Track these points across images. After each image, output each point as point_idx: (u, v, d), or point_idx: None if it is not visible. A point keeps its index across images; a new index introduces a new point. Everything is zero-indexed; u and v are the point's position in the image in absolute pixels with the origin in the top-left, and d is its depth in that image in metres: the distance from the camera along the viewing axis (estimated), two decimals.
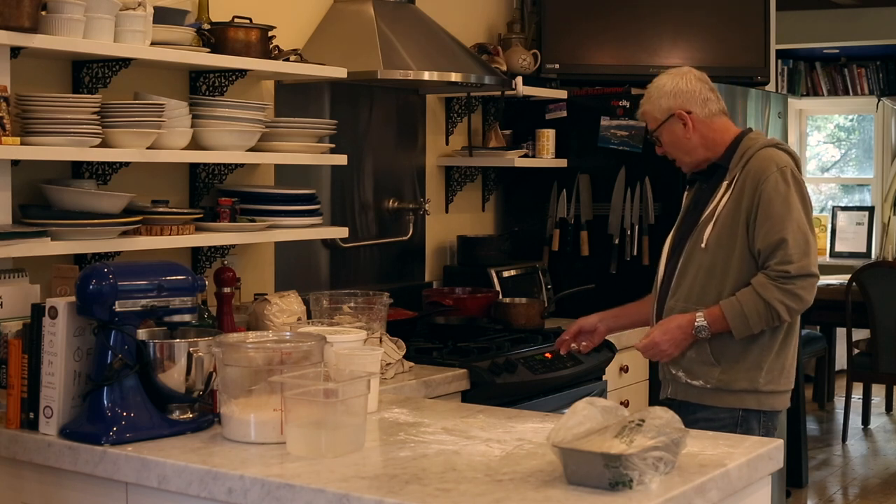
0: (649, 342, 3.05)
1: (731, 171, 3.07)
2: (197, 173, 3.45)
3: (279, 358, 2.40)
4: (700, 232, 3.07)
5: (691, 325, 3.00)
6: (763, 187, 2.99)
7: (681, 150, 3.15)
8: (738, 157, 3.08)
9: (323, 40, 3.88)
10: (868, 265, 6.83)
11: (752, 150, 3.07)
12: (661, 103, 3.14)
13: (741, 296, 2.97)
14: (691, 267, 3.07)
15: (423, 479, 2.10)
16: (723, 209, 3.04)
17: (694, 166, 3.17)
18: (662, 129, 3.14)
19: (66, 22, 2.81)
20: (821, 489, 6.02)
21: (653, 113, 3.16)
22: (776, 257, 2.95)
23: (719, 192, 3.07)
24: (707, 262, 3.04)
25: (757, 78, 4.86)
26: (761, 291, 2.95)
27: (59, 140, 2.82)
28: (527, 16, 4.90)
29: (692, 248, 3.08)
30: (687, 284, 3.07)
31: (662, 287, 3.17)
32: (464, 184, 4.60)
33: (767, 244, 2.96)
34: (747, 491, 2.31)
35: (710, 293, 3.03)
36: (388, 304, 3.40)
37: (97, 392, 2.43)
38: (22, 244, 2.75)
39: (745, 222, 3.00)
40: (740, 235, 3.01)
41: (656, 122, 3.15)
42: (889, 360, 6.54)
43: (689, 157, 3.16)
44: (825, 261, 9.15)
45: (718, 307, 2.99)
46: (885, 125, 9.33)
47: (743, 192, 3.02)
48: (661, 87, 3.14)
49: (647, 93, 3.18)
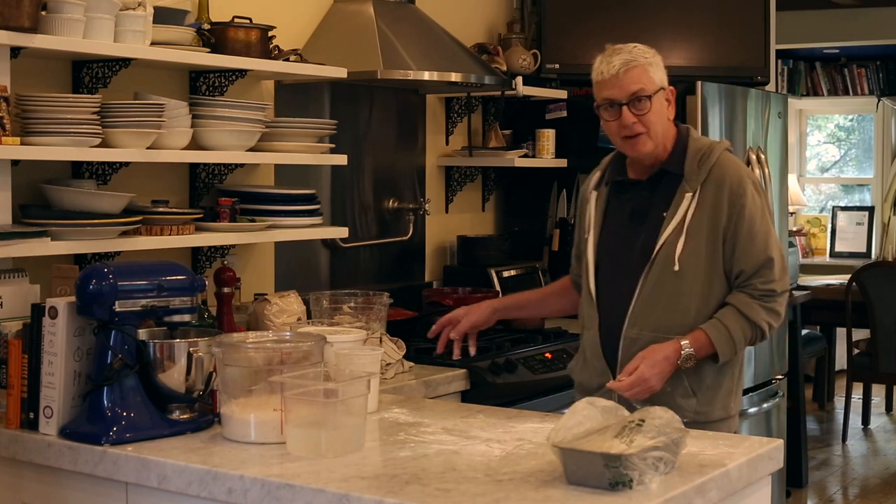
0: (637, 378, 2.67)
1: (691, 180, 2.76)
2: (197, 173, 3.45)
3: (279, 358, 2.40)
4: (668, 251, 2.74)
5: (678, 355, 2.70)
6: (743, 203, 2.74)
7: (660, 126, 2.77)
8: (694, 162, 2.78)
9: (323, 40, 3.88)
10: (868, 265, 6.83)
11: (711, 156, 2.79)
12: (658, 70, 2.78)
13: (724, 318, 2.73)
14: (663, 292, 2.75)
15: (423, 479, 2.10)
16: (691, 224, 2.74)
17: (647, 156, 2.79)
18: (655, 98, 2.75)
19: (66, 22, 2.81)
20: (821, 489, 6.02)
21: (652, 75, 2.76)
22: (761, 276, 2.74)
23: (683, 202, 2.75)
24: (680, 285, 2.74)
25: (757, 78, 4.85)
26: (747, 312, 2.73)
27: (59, 140, 2.82)
28: (527, 16, 4.90)
29: (661, 271, 2.75)
30: (658, 312, 2.75)
31: (611, 311, 2.82)
32: (464, 184, 4.60)
33: (754, 264, 2.74)
34: (747, 491, 2.31)
35: (677, 319, 2.75)
36: (388, 304, 3.41)
37: (97, 392, 2.43)
38: (22, 244, 2.75)
39: (723, 239, 2.75)
40: (718, 254, 2.76)
41: (654, 85, 2.75)
42: (889, 360, 6.55)
43: (655, 142, 2.77)
44: (825, 261, 9.16)
45: (702, 332, 2.72)
46: (885, 125, 9.33)
47: (717, 206, 2.74)
48: (653, 54, 2.78)
49: (641, 53, 2.76)
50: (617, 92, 2.73)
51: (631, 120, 2.73)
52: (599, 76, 2.77)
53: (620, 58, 2.74)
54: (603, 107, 2.78)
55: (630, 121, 2.73)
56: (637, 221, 2.82)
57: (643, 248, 2.79)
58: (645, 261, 2.77)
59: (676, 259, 2.73)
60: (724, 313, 2.75)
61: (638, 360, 2.70)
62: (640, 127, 2.74)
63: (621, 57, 2.74)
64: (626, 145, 2.79)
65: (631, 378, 2.67)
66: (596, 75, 2.78)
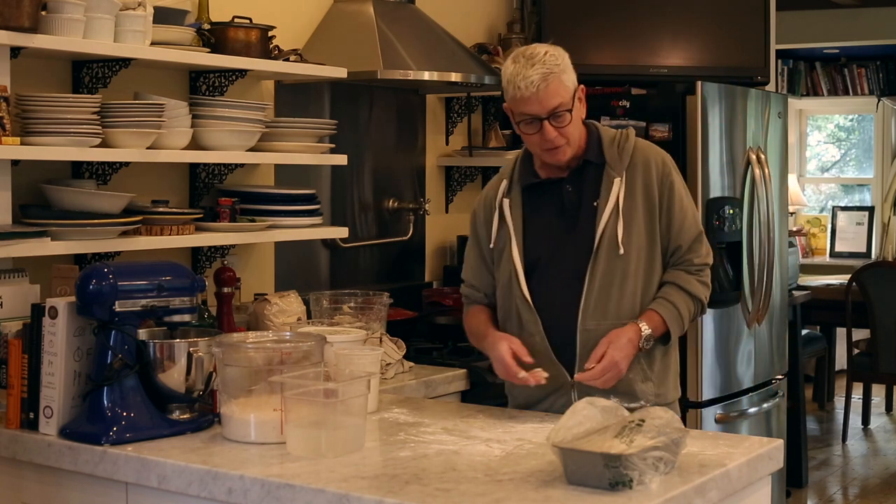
0: (608, 363, 2.62)
1: (615, 166, 2.76)
2: (197, 173, 3.45)
3: (279, 358, 2.40)
4: (610, 236, 2.72)
5: (639, 337, 2.69)
6: (672, 180, 2.78)
7: (577, 130, 2.75)
8: (613, 149, 2.77)
9: (323, 40, 3.88)
10: (868, 265, 6.83)
11: (627, 141, 2.79)
12: (571, 74, 2.71)
13: (669, 296, 2.75)
14: (614, 278, 2.73)
15: (423, 479, 2.11)
16: (625, 207, 2.73)
17: (573, 156, 2.76)
18: (574, 105, 2.71)
19: (66, 22, 2.81)
20: (821, 489, 6.02)
21: (568, 84, 2.69)
22: (695, 251, 2.78)
23: (613, 188, 2.73)
24: (625, 268, 2.73)
25: (757, 78, 4.85)
26: (689, 288, 2.76)
27: (59, 140, 2.82)
28: (527, 16, 4.90)
29: (607, 257, 2.72)
30: (612, 299, 2.72)
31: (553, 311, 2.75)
32: (464, 184, 4.60)
33: (688, 238, 2.78)
34: (747, 491, 2.31)
35: (629, 303, 2.74)
36: (388, 304, 3.41)
37: (97, 392, 2.43)
38: (22, 244, 2.75)
39: (657, 219, 2.77)
40: (656, 233, 2.77)
41: (570, 94, 2.70)
42: (889, 360, 6.54)
43: (574, 148, 2.75)
44: (825, 261, 9.16)
45: (654, 312, 2.72)
46: (885, 125, 9.34)
47: (648, 186, 2.76)
48: (563, 57, 2.70)
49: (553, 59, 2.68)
50: (537, 108, 2.67)
51: (553, 134, 2.69)
52: (517, 91, 2.67)
53: (537, 71, 2.64)
54: (523, 122, 2.71)
55: (552, 135, 2.69)
56: (570, 216, 2.78)
57: (582, 240, 2.75)
58: (588, 251, 2.74)
59: (620, 243, 2.71)
60: (669, 292, 2.76)
61: (603, 345, 2.66)
62: (561, 139, 2.70)
63: (537, 71, 2.64)
64: (546, 155, 2.75)
65: (602, 364, 2.63)
66: (513, 90, 2.68)
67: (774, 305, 4.76)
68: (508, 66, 2.71)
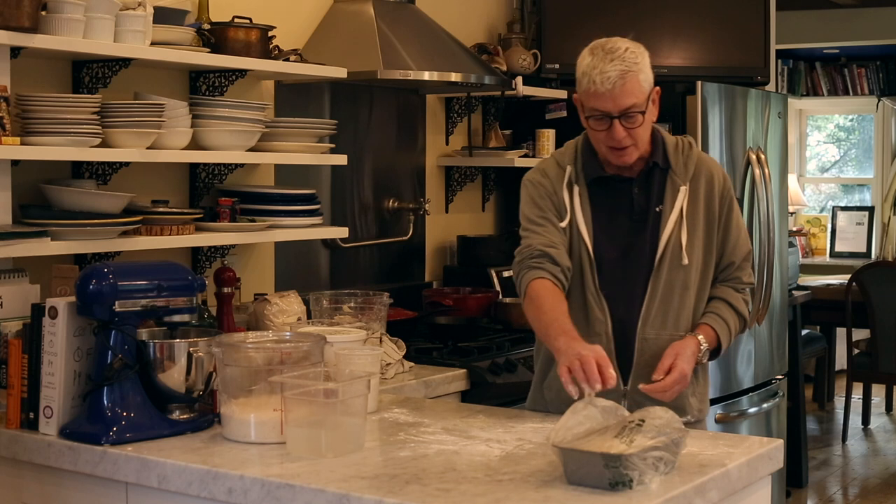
0: (679, 375, 2.55)
1: (679, 174, 2.70)
2: (197, 173, 3.45)
3: (279, 358, 2.40)
4: (675, 245, 2.67)
5: (699, 351, 2.64)
6: (732, 195, 2.76)
7: (647, 133, 2.67)
8: (678, 156, 2.72)
9: (323, 40, 3.88)
10: (868, 265, 6.83)
11: (692, 150, 2.74)
12: (648, 72, 2.62)
13: (720, 312, 2.72)
14: (675, 288, 2.68)
15: (423, 479, 2.10)
16: (688, 216, 2.68)
17: (634, 160, 2.68)
18: (648, 106, 2.63)
19: (66, 22, 2.81)
20: (821, 489, 6.02)
21: (645, 84, 2.61)
22: (744, 269, 2.76)
23: (678, 196, 2.68)
24: (685, 279, 2.68)
25: (757, 78, 4.85)
26: (737, 306, 2.73)
27: (59, 140, 2.82)
28: (527, 16, 4.90)
29: (670, 266, 2.67)
30: (672, 309, 2.68)
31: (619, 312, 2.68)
32: (464, 184, 4.60)
33: (741, 256, 2.75)
34: (747, 491, 2.31)
35: (686, 315, 2.70)
36: (388, 304, 3.41)
37: (97, 392, 2.43)
38: (22, 244, 2.75)
39: (715, 233, 2.73)
40: (713, 246, 2.73)
41: (645, 95, 2.61)
42: (889, 360, 6.54)
43: (640, 151, 2.67)
44: (825, 261, 9.16)
45: (708, 327, 2.68)
46: (885, 125, 9.33)
47: (709, 198, 2.71)
48: (643, 55, 2.62)
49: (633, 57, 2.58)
50: (610, 105, 2.58)
51: (622, 134, 2.60)
52: (591, 85, 2.58)
53: (615, 68, 2.55)
54: (593, 117, 2.62)
55: (621, 135, 2.60)
56: (638, 219, 2.71)
57: (649, 245, 2.69)
58: (652, 257, 2.68)
59: (684, 252, 2.66)
60: (720, 307, 2.73)
61: (670, 357, 2.58)
62: (629, 140, 2.62)
63: (616, 67, 2.55)
64: (611, 155, 2.66)
65: (673, 376, 2.55)
66: (587, 83, 2.59)
67: (774, 305, 4.76)
68: (585, 56, 2.61)
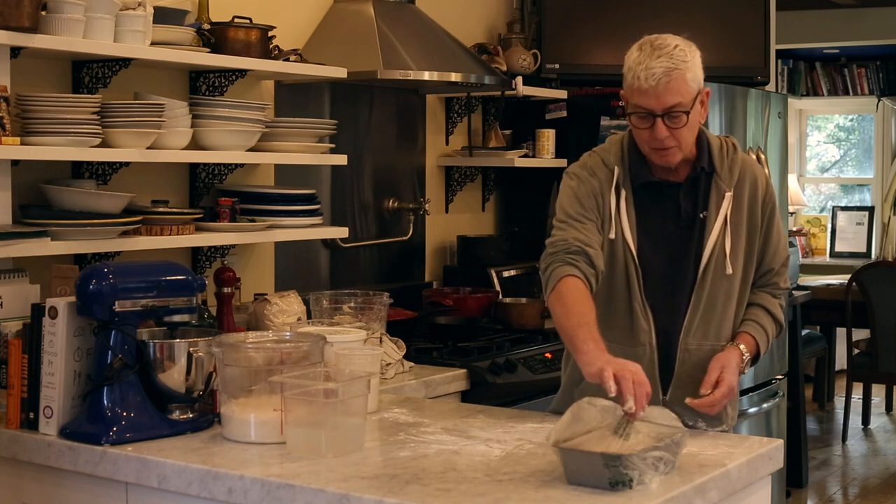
0: (728, 389, 2.49)
1: (725, 179, 2.62)
2: (197, 173, 3.45)
3: (279, 358, 2.40)
4: (719, 255, 2.60)
5: (742, 362, 2.58)
6: (774, 201, 2.68)
7: (692, 135, 2.57)
8: (722, 159, 2.64)
9: (323, 40, 3.88)
10: (868, 265, 6.84)
11: (736, 153, 2.67)
12: (698, 74, 2.53)
13: (759, 319, 2.66)
14: (718, 297, 2.61)
15: (423, 479, 2.10)
16: (732, 223, 2.61)
17: (679, 162, 2.61)
18: (694, 107, 2.52)
19: (66, 22, 2.81)
20: (821, 489, 6.02)
21: (693, 83, 2.51)
22: (782, 275, 2.70)
23: (723, 202, 2.61)
24: (730, 288, 2.62)
25: (757, 78, 4.85)
26: (774, 312, 2.68)
27: (59, 140, 2.82)
28: (527, 16, 4.90)
29: (715, 275, 2.60)
30: (715, 319, 2.61)
31: (662, 322, 2.62)
32: (464, 184, 4.60)
33: (780, 262, 2.70)
34: (747, 491, 2.31)
35: (728, 324, 2.64)
36: (388, 304, 3.40)
37: (97, 392, 2.43)
38: (22, 244, 2.75)
39: (756, 239, 2.66)
40: (754, 253, 2.66)
41: (692, 95, 2.51)
42: (889, 360, 6.55)
43: (685, 153, 2.59)
44: (825, 261, 9.16)
45: (749, 336, 2.62)
46: (885, 125, 9.34)
47: (753, 204, 2.64)
48: (693, 54, 2.53)
49: (682, 55, 2.50)
50: (653, 103, 2.49)
51: (664, 134, 2.51)
52: (636, 81, 2.49)
53: (661, 64, 2.46)
54: (636, 114, 2.54)
55: (663, 135, 2.51)
56: (685, 226, 2.62)
57: (695, 254, 2.61)
58: (696, 266, 2.61)
59: (728, 261, 2.59)
60: (758, 314, 2.67)
61: (716, 370, 2.52)
62: (672, 141, 2.52)
63: (662, 64, 2.46)
64: (654, 155, 2.58)
65: (722, 389, 2.48)
66: (632, 79, 2.51)
67: None
68: (633, 52, 2.54)
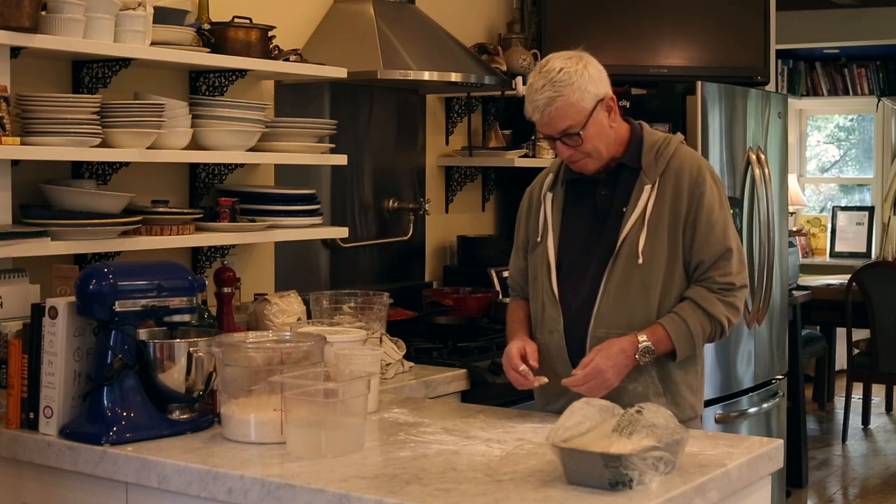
0: (591, 370, 2.57)
1: (649, 172, 2.70)
2: (197, 173, 3.45)
3: (279, 358, 2.40)
4: (631, 245, 2.67)
5: (634, 348, 2.61)
6: (703, 191, 2.68)
7: (602, 143, 2.67)
8: (651, 155, 2.71)
9: (323, 40, 3.88)
10: (868, 265, 6.84)
11: (667, 148, 2.73)
12: (588, 90, 2.62)
13: (683, 313, 2.66)
14: (629, 288, 2.67)
15: (423, 479, 2.11)
16: (652, 216, 2.67)
17: (601, 165, 2.71)
18: (590, 124, 2.63)
19: (66, 22, 2.81)
20: (821, 489, 6.02)
21: (581, 103, 2.62)
22: (720, 268, 2.68)
23: (642, 195, 2.68)
24: (644, 278, 2.66)
25: (757, 78, 4.85)
26: (706, 306, 2.66)
27: (59, 140, 2.82)
28: (527, 16, 4.90)
29: (626, 266, 2.67)
30: (625, 309, 2.66)
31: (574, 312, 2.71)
32: (464, 184, 4.60)
33: (713, 254, 2.68)
34: (747, 491, 2.31)
35: (642, 315, 2.66)
36: (388, 304, 3.41)
37: (97, 392, 2.43)
38: (22, 244, 2.75)
39: (682, 229, 2.69)
40: (679, 245, 2.69)
41: (584, 114, 2.62)
42: (889, 360, 6.55)
43: (606, 153, 2.69)
44: (825, 261, 9.16)
45: (660, 326, 2.64)
46: (885, 125, 9.34)
47: (677, 196, 2.68)
48: (580, 73, 2.62)
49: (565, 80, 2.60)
50: (547, 129, 2.66)
51: (566, 153, 2.67)
52: (528, 111, 2.67)
53: (544, 94, 2.61)
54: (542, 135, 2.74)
55: (566, 154, 2.68)
56: (600, 219, 2.74)
57: (606, 245, 2.70)
58: (608, 257, 2.69)
59: (640, 252, 2.65)
60: (683, 307, 2.67)
61: (593, 353, 2.61)
62: (578, 155, 2.67)
63: (545, 93, 2.61)
64: (572, 166, 2.74)
65: (586, 371, 2.58)
66: (525, 105, 2.68)
67: (774, 305, 4.76)
68: (529, 78, 2.69)
